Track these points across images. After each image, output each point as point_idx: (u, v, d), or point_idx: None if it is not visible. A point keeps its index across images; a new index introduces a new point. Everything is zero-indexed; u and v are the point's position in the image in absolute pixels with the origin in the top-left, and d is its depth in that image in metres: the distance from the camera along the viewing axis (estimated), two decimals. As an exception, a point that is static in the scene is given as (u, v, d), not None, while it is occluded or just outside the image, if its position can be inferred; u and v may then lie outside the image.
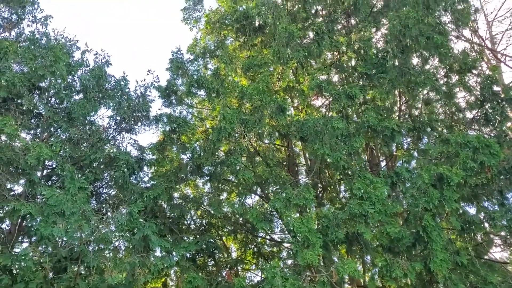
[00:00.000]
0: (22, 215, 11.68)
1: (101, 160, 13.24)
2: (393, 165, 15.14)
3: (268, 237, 16.22)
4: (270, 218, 13.05)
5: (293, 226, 10.79)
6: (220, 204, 13.82)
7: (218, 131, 12.18)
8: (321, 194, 15.17)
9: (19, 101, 12.79)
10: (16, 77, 11.99)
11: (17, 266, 10.91)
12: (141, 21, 46.31)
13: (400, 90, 14.43)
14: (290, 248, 12.26)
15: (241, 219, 15.44)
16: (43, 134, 13.48)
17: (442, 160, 12.13)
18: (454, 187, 10.98)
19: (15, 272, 11.04)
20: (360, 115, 13.97)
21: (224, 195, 16.43)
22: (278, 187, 13.86)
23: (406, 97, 15.22)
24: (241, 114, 12.62)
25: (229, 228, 15.96)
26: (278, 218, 13.60)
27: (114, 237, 11.62)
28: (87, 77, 13.83)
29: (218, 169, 13.77)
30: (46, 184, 12.99)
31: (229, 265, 15.20)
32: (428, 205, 10.88)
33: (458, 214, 11.65)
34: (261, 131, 13.12)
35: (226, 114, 12.18)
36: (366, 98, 13.98)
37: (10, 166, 11.74)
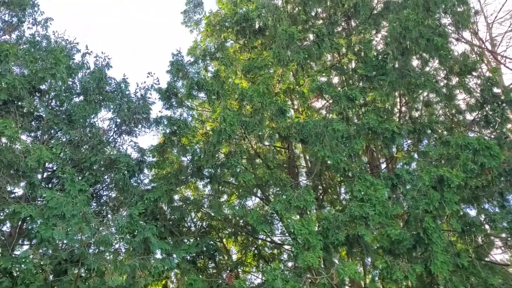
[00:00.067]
0: (22, 218, 11.68)
1: (101, 162, 13.25)
2: (393, 167, 15.14)
3: (268, 239, 16.21)
4: (270, 220, 13.05)
5: (293, 228, 10.78)
6: (220, 206, 13.80)
7: (218, 133, 12.18)
8: (321, 196, 15.16)
9: (20, 103, 12.81)
10: (16, 79, 12.00)
11: (17, 269, 10.92)
12: (141, 21, 46.42)
13: (400, 92, 14.44)
14: (291, 250, 12.24)
15: (241, 221, 15.43)
16: (44, 137, 13.49)
17: (443, 162, 12.13)
18: (455, 189, 10.97)
19: (16, 274, 11.03)
20: (360, 117, 13.97)
21: (224, 197, 16.42)
22: (278, 189, 13.85)
23: (406, 99, 15.23)
24: (241, 116, 12.62)
25: (229, 230, 15.95)
26: (279, 220, 13.60)
27: (114, 239, 11.61)
28: (88, 79, 13.86)
29: (218, 171, 13.77)
30: (47, 186, 13.00)
31: (229, 267, 15.19)
32: (428, 207, 10.87)
33: (459, 216, 11.64)
34: (261, 133, 13.13)
35: (227, 116, 12.19)
36: (366, 100, 13.98)
37: (11, 169, 11.74)
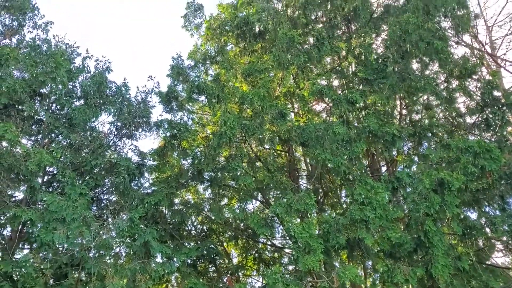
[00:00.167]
0: (22, 222, 11.65)
1: (101, 166, 13.24)
2: (394, 170, 15.12)
3: (269, 242, 16.19)
4: (271, 224, 13.04)
5: (294, 232, 10.77)
6: (221, 209, 13.80)
7: (218, 137, 12.19)
8: (322, 200, 15.15)
9: (20, 107, 12.82)
10: (17, 83, 12.01)
11: (17, 273, 10.89)
12: (141, 21, 46.48)
13: (400, 95, 14.45)
14: (291, 253, 12.21)
15: (242, 225, 15.42)
16: (44, 140, 13.48)
17: (443, 165, 12.12)
18: (455, 192, 10.96)
19: (16, 278, 11.00)
20: (360, 120, 13.98)
21: (225, 201, 16.42)
22: (279, 193, 13.84)
23: (406, 102, 15.24)
24: (241, 120, 12.63)
25: (230, 233, 15.94)
26: (279, 223, 13.59)
27: (115, 243, 11.59)
28: (88, 83, 13.87)
29: (218, 174, 13.76)
30: (47, 190, 12.99)
31: (230, 271, 15.17)
32: (429, 210, 10.86)
33: (459, 219, 11.63)
34: (261, 137, 13.13)
35: (227, 119, 12.19)
36: (367, 103, 13.99)
37: (11, 173, 11.73)
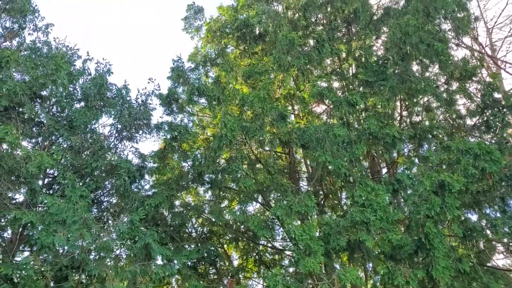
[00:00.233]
0: (23, 224, 11.65)
1: (102, 168, 13.25)
2: (394, 172, 15.12)
3: (269, 245, 16.18)
4: (271, 226, 13.03)
5: (294, 234, 10.76)
6: (221, 212, 13.78)
7: (219, 139, 12.19)
8: (322, 202, 15.14)
9: (21, 109, 12.83)
10: (17, 85, 12.03)
11: (18, 275, 10.88)
12: (141, 21, 46.56)
13: (400, 97, 14.46)
14: (292, 256, 12.21)
15: (242, 227, 15.41)
16: (45, 143, 13.49)
17: (443, 167, 12.12)
18: (456, 194, 10.96)
19: (16, 281, 11.00)
20: (361, 122, 13.98)
21: (225, 203, 16.40)
22: (279, 195, 13.82)
23: (406, 104, 15.24)
24: (242, 122, 12.63)
25: (230, 236, 15.92)
26: (280, 225, 13.58)
27: (115, 245, 11.59)
28: (89, 85, 13.89)
29: (219, 176, 13.75)
30: (47, 192, 13.00)
31: (230, 273, 15.16)
32: (429, 212, 10.86)
33: (460, 221, 11.62)
34: (262, 139, 13.12)
35: (227, 121, 12.20)
36: (367, 105, 13.99)
37: (12, 175, 11.74)
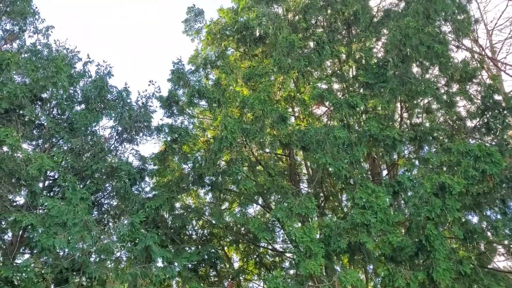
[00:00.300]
0: (23, 226, 11.65)
1: (102, 170, 13.25)
2: (394, 174, 15.12)
3: (270, 247, 16.17)
4: (272, 228, 13.03)
5: (295, 236, 10.75)
6: (221, 214, 13.78)
7: (219, 141, 12.19)
8: (323, 204, 15.13)
9: (21, 112, 12.83)
10: (18, 88, 12.04)
11: (18, 278, 10.88)
12: (141, 23, 46.68)
13: (401, 99, 14.46)
14: (292, 258, 12.20)
15: (243, 229, 15.39)
16: (45, 145, 13.50)
17: (444, 169, 12.12)
18: (456, 196, 10.95)
19: (17, 283, 11.00)
20: (361, 124, 13.97)
21: (225, 205, 16.40)
22: (279, 197, 13.82)
23: (407, 106, 15.24)
24: (242, 124, 12.63)
25: (230, 238, 15.92)
26: (280, 227, 13.57)
27: (115, 247, 11.60)
28: (89, 88, 13.90)
29: (219, 178, 13.75)
30: (48, 195, 13.01)
31: (231, 275, 15.15)
32: (430, 214, 10.84)
33: (461, 223, 11.61)
34: (262, 141, 13.13)
35: (228, 123, 12.20)
36: (367, 107, 14.00)
37: (12, 177, 11.74)
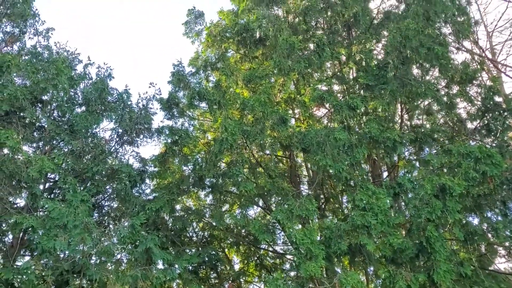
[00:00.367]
0: (24, 228, 11.64)
1: (103, 172, 13.26)
2: (395, 176, 15.11)
3: (270, 249, 16.16)
4: (272, 230, 13.02)
5: (295, 238, 10.73)
6: (222, 216, 13.78)
7: (220, 143, 12.19)
8: (323, 205, 15.12)
9: (22, 114, 12.85)
10: (18, 90, 12.05)
11: (19, 280, 10.88)
12: (141, 23, 46.81)
13: (401, 100, 14.47)
14: (293, 260, 12.17)
15: (243, 231, 15.39)
16: (46, 147, 13.51)
17: (444, 170, 12.11)
18: (457, 198, 10.94)
19: (17, 285, 11.00)
20: (361, 126, 13.97)
21: (226, 207, 16.39)
22: (280, 199, 13.81)
23: (407, 107, 15.24)
24: (242, 126, 12.63)
25: (231, 240, 15.91)
26: (281, 229, 13.57)
27: (116, 249, 11.58)
28: (90, 90, 13.92)
29: (220, 180, 13.74)
30: (48, 197, 13.01)
31: (231, 277, 15.14)
32: (431, 215, 10.83)
33: (461, 224, 11.59)
34: (262, 142, 13.12)
35: (228, 125, 12.20)
36: (368, 109, 14.00)
37: (12, 179, 11.74)
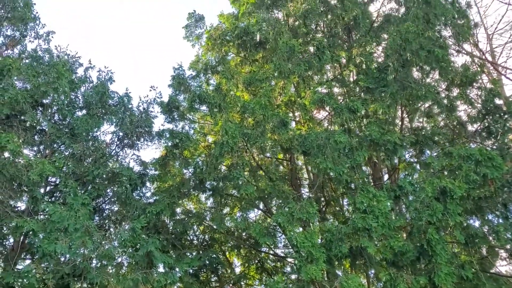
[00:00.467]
0: (25, 232, 11.67)
1: (104, 176, 13.26)
2: (396, 178, 15.10)
3: (271, 252, 16.14)
4: (273, 233, 12.99)
5: (296, 241, 10.72)
6: (222, 219, 13.77)
7: (220, 146, 12.19)
8: (324, 208, 15.11)
9: (22, 117, 12.86)
10: (19, 94, 12.06)
11: (19, 283, 10.88)
12: (141, 23, 46.93)
13: (401, 103, 14.46)
14: (294, 263, 12.16)
15: (244, 234, 15.38)
16: (46, 151, 13.51)
17: (445, 173, 12.10)
18: (458, 200, 10.92)
19: (18, 289, 11.00)
20: (362, 129, 13.97)
21: (226, 210, 16.39)
22: (281, 202, 13.81)
23: (407, 110, 15.24)
24: (243, 129, 12.64)
25: (232, 243, 15.90)
26: (281, 232, 13.55)
27: (117, 253, 11.57)
28: (90, 93, 13.94)
29: (220, 183, 13.74)
30: (49, 200, 13.01)
31: (232, 280, 15.13)
32: (431, 218, 10.81)
33: (462, 227, 11.57)
34: (263, 145, 13.12)
35: (228, 128, 12.20)
36: (368, 111, 14.00)
37: (13, 183, 11.75)
